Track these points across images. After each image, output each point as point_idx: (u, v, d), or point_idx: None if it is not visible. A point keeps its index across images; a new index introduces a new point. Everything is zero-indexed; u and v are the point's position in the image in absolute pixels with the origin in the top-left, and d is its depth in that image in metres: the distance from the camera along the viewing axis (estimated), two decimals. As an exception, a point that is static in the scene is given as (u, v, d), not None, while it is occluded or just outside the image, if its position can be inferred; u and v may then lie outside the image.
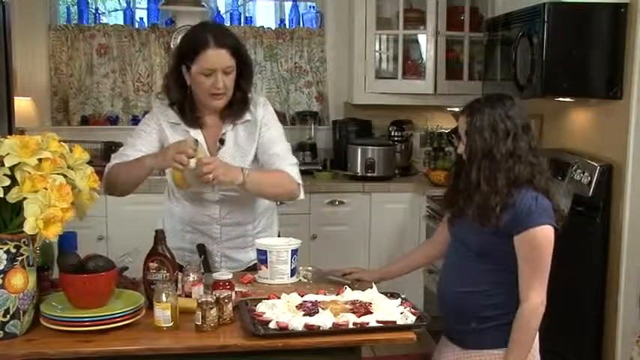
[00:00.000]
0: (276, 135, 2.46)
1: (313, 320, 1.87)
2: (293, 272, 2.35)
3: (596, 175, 2.94)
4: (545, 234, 2.02)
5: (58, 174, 1.80)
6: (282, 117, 3.98)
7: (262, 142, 2.44)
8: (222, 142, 2.44)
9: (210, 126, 2.44)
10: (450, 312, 2.22)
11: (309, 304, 1.98)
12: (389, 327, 1.90)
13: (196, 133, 2.40)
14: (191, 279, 2.08)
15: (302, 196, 2.45)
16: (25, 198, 1.73)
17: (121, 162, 2.37)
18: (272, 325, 1.86)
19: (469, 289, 2.14)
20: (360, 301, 2.02)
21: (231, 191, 2.43)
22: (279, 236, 2.61)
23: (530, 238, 2.02)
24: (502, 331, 2.07)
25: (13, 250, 1.77)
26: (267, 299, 2.04)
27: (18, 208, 1.76)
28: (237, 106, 2.42)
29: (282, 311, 1.93)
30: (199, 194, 2.45)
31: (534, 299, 2.02)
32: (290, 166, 2.42)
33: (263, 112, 2.46)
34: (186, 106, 2.40)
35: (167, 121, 2.42)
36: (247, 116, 2.44)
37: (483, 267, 2.12)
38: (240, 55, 2.37)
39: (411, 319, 1.94)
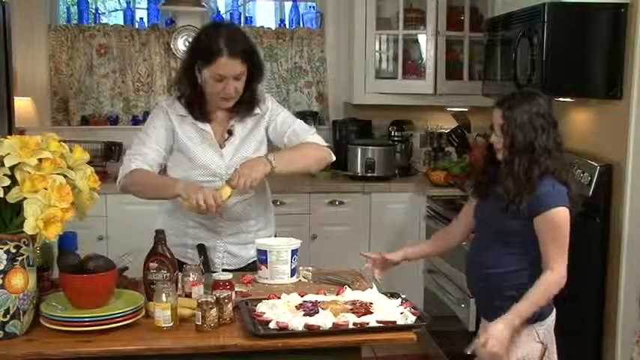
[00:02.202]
0: (287, 116, 2.55)
1: (313, 320, 1.87)
2: (293, 272, 2.35)
3: (596, 175, 2.94)
4: (562, 215, 2.18)
5: (58, 174, 1.80)
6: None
7: (276, 127, 2.51)
8: (230, 132, 2.48)
9: (218, 118, 2.49)
10: (481, 292, 2.41)
11: (309, 304, 1.98)
12: (389, 327, 1.90)
13: (204, 126, 2.45)
14: (191, 279, 2.09)
15: (333, 157, 2.54)
16: (25, 198, 1.73)
17: (143, 169, 2.39)
18: (272, 325, 1.86)
19: (495, 270, 2.28)
20: (360, 301, 2.02)
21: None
22: (275, 236, 2.61)
23: (550, 217, 2.17)
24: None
25: (13, 250, 1.77)
26: (267, 299, 2.04)
27: (18, 208, 1.76)
28: (245, 105, 2.48)
29: (282, 311, 1.93)
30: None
31: (559, 269, 2.16)
32: (311, 135, 2.51)
33: (270, 104, 2.55)
34: (196, 101, 2.44)
35: (176, 114, 2.46)
36: (256, 110, 2.51)
37: (508, 251, 2.26)
38: (252, 59, 2.42)
39: (411, 319, 1.95)
